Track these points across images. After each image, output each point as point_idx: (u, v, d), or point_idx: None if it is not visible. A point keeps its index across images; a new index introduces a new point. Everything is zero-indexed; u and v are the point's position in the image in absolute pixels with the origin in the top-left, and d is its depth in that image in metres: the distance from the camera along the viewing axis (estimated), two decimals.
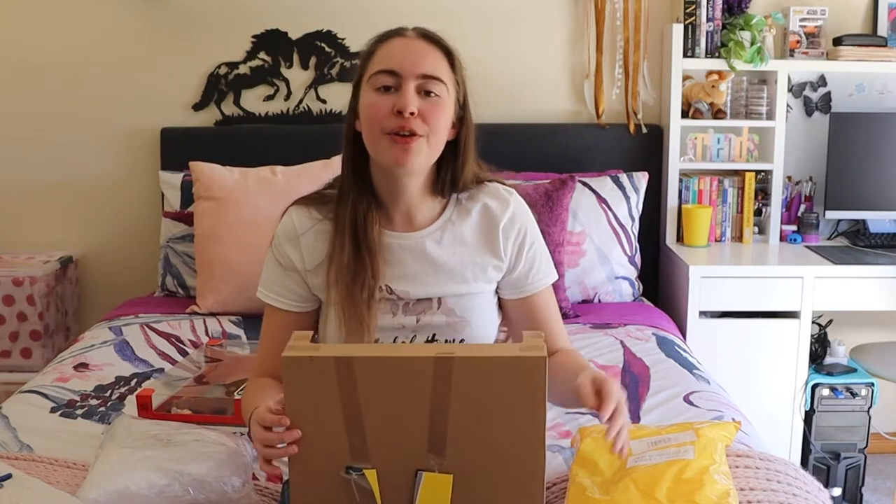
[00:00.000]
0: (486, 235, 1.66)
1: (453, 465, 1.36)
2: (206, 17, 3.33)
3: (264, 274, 1.70)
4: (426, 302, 1.63)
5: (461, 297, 1.64)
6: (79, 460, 1.86)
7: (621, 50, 3.34)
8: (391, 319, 1.62)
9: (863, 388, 3.09)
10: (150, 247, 3.33)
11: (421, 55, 1.56)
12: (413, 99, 1.53)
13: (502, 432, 1.34)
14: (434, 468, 1.36)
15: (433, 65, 1.56)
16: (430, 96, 1.55)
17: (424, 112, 1.54)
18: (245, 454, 1.74)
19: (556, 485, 1.76)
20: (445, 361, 1.29)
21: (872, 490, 3.22)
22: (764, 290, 3.00)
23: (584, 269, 3.04)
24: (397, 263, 1.63)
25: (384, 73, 1.55)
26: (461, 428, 1.33)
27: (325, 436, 1.34)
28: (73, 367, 2.46)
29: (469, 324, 1.63)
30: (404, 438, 1.34)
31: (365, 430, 1.33)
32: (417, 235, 1.64)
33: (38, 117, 3.37)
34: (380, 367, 1.31)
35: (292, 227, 1.65)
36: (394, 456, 1.35)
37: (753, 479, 1.70)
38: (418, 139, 1.54)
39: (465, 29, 3.32)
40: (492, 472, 1.37)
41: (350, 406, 1.31)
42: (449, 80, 1.58)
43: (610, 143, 3.34)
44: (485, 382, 1.31)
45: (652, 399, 2.25)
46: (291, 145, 3.24)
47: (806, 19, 3.28)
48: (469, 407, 1.32)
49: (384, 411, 1.33)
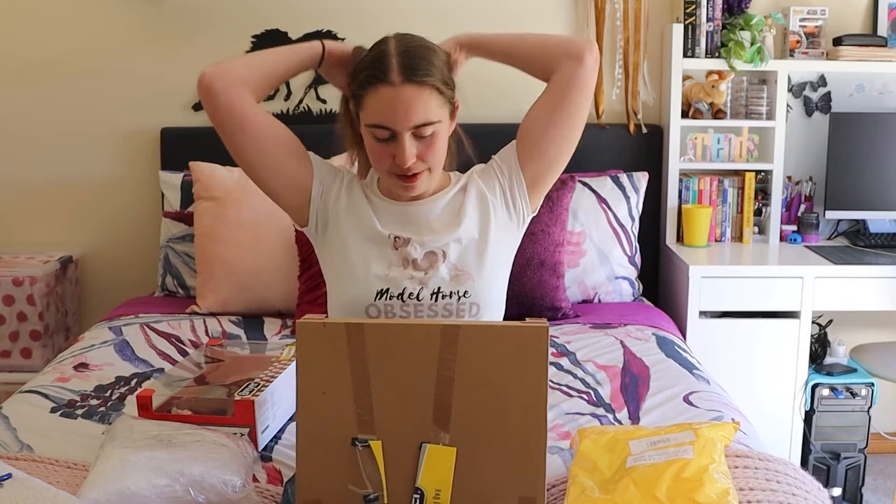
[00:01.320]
0: (485, 195, 1.76)
1: (457, 437, 1.40)
2: (206, 17, 3.33)
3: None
4: (433, 256, 1.70)
5: (466, 252, 1.70)
6: (79, 460, 1.87)
7: (621, 50, 3.34)
8: (402, 271, 1.68)
9: (863, 388, 3.09)
10: (150, 247, 3.34)
11: (410, 107, 1.58)
12: (410, 151, 1.61)
13: (506, 404, 1.39)
14: (438, 441, 1.40)
15: (423, 112, 1.59)
16: (427, 137, 1.62)
17: (423, 153, 1.62)
18: (245, 455, 1.74)
19: (555, 486, 1.76)
20: (452, 329, 1.37)
21: (872, 490, 3.22)
22: (764, 290, 3.00)
23: (584, 269, 3.04)
24: (407, 223, 1.72)
25: (378, 127, 1.60)
26: (466, 399, 1.38)
27: (334, 404, 1.39)
28: (73, 367, 2.46)
29: (472, 277, 1.69)
30: (410, 410, 1.39)
31: (372, 400, 1.39)
32: (425, 201, 1.73)
33: (38, 117, 3.38)
34: (388, 334, 1.38)
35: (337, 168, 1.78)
36: (399, 428, 1.40)
37: (753, 479, 1.70)
38: (421, 174, 1.65)
39: (464, 29, 3.30)
40: (495, 444, 1.40)
41: (359, 374, 1.37)
42: (440, 108, 1.62)
43: (610, 143, 3.34)
44: (489, 351, 1.38)
45: (652, 399, 2.25)
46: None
47: (806, 19, 3.28)
48: (474, 377, 1.38)
49: (392, 380, 1.38)
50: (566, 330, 2.75)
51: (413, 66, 1.59)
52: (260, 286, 2.90)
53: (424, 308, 1.67)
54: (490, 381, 1.38)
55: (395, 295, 1.66)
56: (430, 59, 1.63)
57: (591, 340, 2.66)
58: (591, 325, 2.83)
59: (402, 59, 1.60)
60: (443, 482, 1.43)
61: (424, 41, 1.67)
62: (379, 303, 1.66)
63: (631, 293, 3.12)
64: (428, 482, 1.42)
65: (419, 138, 1.61)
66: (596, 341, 2.66)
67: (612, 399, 2.26)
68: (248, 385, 2.00)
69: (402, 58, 1.60)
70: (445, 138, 1.66)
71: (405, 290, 1.67)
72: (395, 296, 1.66)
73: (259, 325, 2.84)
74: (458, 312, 1.68)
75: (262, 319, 2.89)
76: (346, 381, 1.37)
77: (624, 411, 2.20)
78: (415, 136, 1.61)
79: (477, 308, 1.68)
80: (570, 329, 2.77)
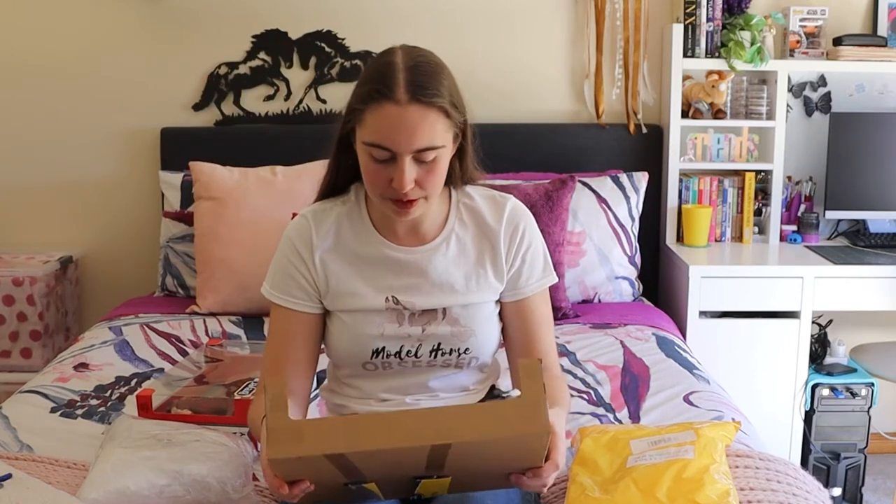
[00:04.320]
0: (486, 247, 1.66)
1: (451, 471, 1.38)
2: (206, 17, 3.33)
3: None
4: (431, 313, 1.63)
5: (466, 308, 1.64)
6: (79, 460, 1.86)
7: (621, 50, 3.34)
8: (397, 328, 1.62)
9: (863, 388, 3.09)
10: (150, 247, 3.34)
11: (415, 129, 1.46)
12: (409, 176, 1.48)
13: (502, 463, 1.38)
14: (433, 476, 1.39)
15: (428, 136, 1.47)
16: (428, 163, 1.50)
17: (422, 179, 1.50)
18: (245, 454, 1.74)
19: (556, 484, 1.76)
20: (441, 448, 1.30)
21: (872, 490, 3.22)
22: (764, 290, 3.00)
23: (584, 269, 3.04)
24: (404, 276, 1.63)
25: (377, 147, 1.48)
26: (460, 461, 1.35)
27: (326, 477, 1.35)
28: (73, 367, 2.46)
29: (474, 333, 1.64)
30: (403, 470, 1.37)
31: (364, 476, 1.36)
32: (423, 250, 1.64)
33: (37, 117, 3.37)
34: (373, 454, 1.30)
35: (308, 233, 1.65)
36: (392, 476, 1.38)
37: (753, 479, 1.70)
38: (418, 202, 1.53)
39: (465, 29, 3.32)
40: (491, 472, 1.40)
41: (347, 469, 1.33)
42: (446, 132, 1.51)
43: (610, 143, 3.34)
44: (483, 452, 1.33)
45: (652, 399, 2.25)
46: (291, 145, 3.24)
47: (806, 19, 3.28)
48: (468, 457, 1.34)
49: (383, 467, 1.34)
50: (566, 330, 2.75)
51: (422, 83, 1.46)
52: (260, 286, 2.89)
53: (423, 364, 1.64)
54: (486, 459, 1.36)
55: (393, 353, 1.62)
56: (440, 78, 1.50)
57: (591, 340, 2.66)
58: (591, 325, 2.83)
59: (411, 74, 1.47)
60: (440, 490, 1.46)
61: (433, 56, 1.55)
62: (376, 360, 1.63)
63: (631, 293, 3.12)
64: (426, 491, 1.45)
65: (420, 163, 1.49)
66: (596, 341, 2.66)
67: (612, 399, 2.26)
68: (248, 385, 2.00)
69: (410, 73, 1.47)
70: (447, 164, 1.55)
71: (402, 349, 1.62)
72: (391, 354, 1.62)
73: (259, 325, 2.83)
74: (458, 364, 1.65)
75: (262, 319, 2.88)
76: (334, 474, 1.34)
77: (624, 411, 2.20)
78: (415, 161, 1.48)
79: (476, 360, 1.66)
80: (570, 329, 2.77)
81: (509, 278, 1.67)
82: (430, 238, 1.65)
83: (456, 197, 1.68)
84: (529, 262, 1.67)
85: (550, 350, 1.71)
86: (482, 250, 1.66)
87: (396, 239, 1.64)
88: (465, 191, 1.68)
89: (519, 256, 1.66)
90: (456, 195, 1.68)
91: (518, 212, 1.68)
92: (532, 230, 1.68)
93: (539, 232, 1.70)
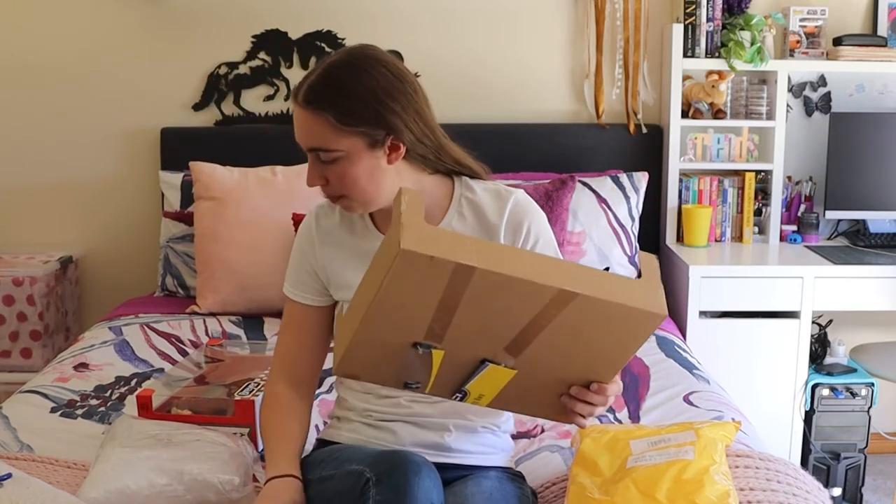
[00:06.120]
0: (484, 240, 1.65)
1: (521, 364, 1.34)
2: (206, 17, 3.33)
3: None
4: None
5: None
6: (79, 460, 1.87)
7: (621, 50, 3.34)
8: None
9: (863, 388, 3.09)
10: (150, 247, 3.34)
11: (304, 129, 1.54)
12: (312, 172, 1.56)
13: (587, 357, 1.33)
14: (502, 362, 1.34)
15: (316, 137, 1.53)
16: (332, 163, 1.54)
17: (332, 178, 1.56)
18: (245, 455, 1.74)
19: (555, 484, 1.76)
20: (566, 296, 1.24)
21: (872, 490, 3.22)
22: (764, 290, 3.00)
23: None
24: None
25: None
26: (548, 342, 1.30)
27: (407, 315, 1.28)
28: (73, 367, 2.46)
29: None
30: (487, 338, 1.31)
31: (450, 323, 1.28)
32: None
33: (38, 117, 3.37)
34: (498, 283, 1.22)
35: (310, 228, 1.71)
36: (467, 345, 1.32)
37: (753, 479, 1.70)
38: (343, 199, 1.58)
39: (465, 29, 3.32)
40: (554, 383, 1.36)
41: (447, 304, 1.26)
42: (339, 139, 1.52)
43: (610, 143, 3.34)
44: (595, 319, 1.28)
45: (652, 399, 2.25)
46: (291, 145, 3.19)
47: (806, 19, 3.28)
48: (567, 330, 1.29)
49: (479, 316, 1.27)
50: None
51: (318, 90, 1.52)
52: (260, 286, 2.90)
53: None
54: (582, 338, 1.30)
55: None
56: (345, 91, 1.51)
57: None
58: None
59: (318, 77, 1.53)
60: (488, 392, 1.40)
61: (366, 62, 1.54)
62: None
63: None
64: (475, 389, 1.39)
65: (324, 163, 1.55)
66: None
67: None
68: (248, 385, 2.00)
69: (318, 76, 1.53)
70: (359, 170, 1.54)
71: None
72: None
73: (259, 325, 2.83)
74: None
75: (262, 319, 2.88)
76: (430, 305, 1.25)
77: (624, 411, 2.20)
78: (319, 160, 1.55)
79: None
80: None
81: None
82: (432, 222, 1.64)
83: (459, 191, 1.67)
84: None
85: None
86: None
87: None
88: (469, 184, 1.67)
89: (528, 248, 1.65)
90: (459, 189, 1.67)
91: (522, 207, 1.65)
92: (539, 224, 1.66)
93: (547, 225, 1.68)
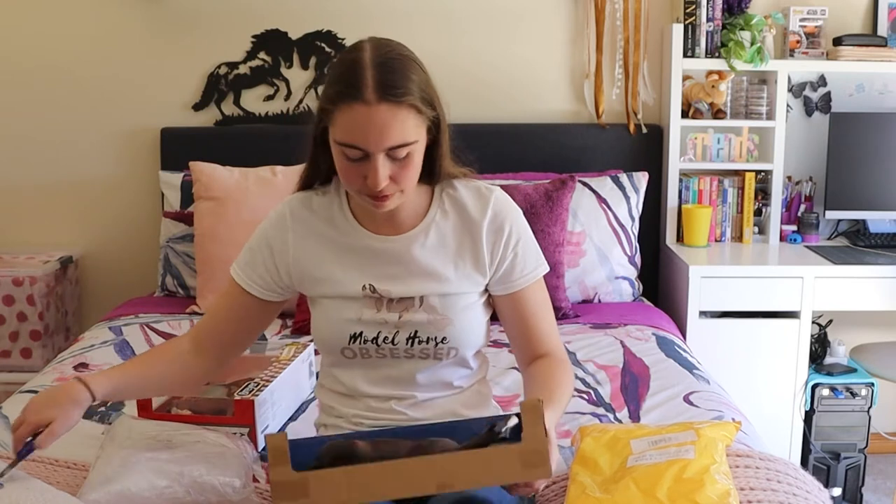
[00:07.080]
0: (467, 239, 1.65)
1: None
2: (206, 17, 3.33)
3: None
4: (408, 300, 1.63)
5: (444, 297, 1.63)
6: (79, 460, 1.86)
7: (621, 50, 3.34)
8: (374, 314, 1.63)
9: (863, 388, 3.09)
10: (150, 247, 3.34)
11: (385, 127, 1.45)
12: (383, 174, 1.48)
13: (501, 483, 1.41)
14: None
15: (400, 133, 1.47)
16: (401, 159, 1.50)
17: (396, 174, 1.51)
18: (246, 456, 1.74)
19: (555, 483, 1.76)
20: (447, 487, 1.34)
21: (872, 490, 3.22)
22: (764, 290, 3.00)
23: (583, 269, 3.04)
24: (380, 264, 1.64)
25: (350, 146, 1.48)
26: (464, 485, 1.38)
27: None
28: (73, 367, 2.46)
29: (451, 322, 1.63)
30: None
31: None
32: (403, 238, 1.64)
33: (37, 117, 3.38)
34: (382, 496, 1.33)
35: (284, 220, 1.69)
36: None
37: (753, 479, 1.70)
38: (390, 198, 1.53)
39: (465, 29, 3.32)
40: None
41: None
42: (419, 127, 1.51)
43: (610, 143, 3.34)
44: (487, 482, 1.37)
45: (652, 399, 2.25)
46: (291, 145, 3.18)
47: (806, 19, 3.28)
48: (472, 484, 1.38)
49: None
50: (566, 330, 2.74)
51: (390, 81, 1.45)
52: None
53: (400, 351, 1.64)
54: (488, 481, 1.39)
55: (370, 339, 1.62)
56: (409, 73, 1.48)
57: (591, 340, 2.66)
58: (591, 325, 2.83)
59: (379, 72, 1.46)
60: None
61: (402, 49, 1.53)
62: (354, 346, 1.64)
63: (631, 293, 3.12)
64: None
65: (393, 160, 1.49)
66: (596, 341, 2.66)
67: (612, 399, 2.27)
68: (248, 385, 2.00)
69: (378, 71, 1.46)
70: (421, 157, 1.54)
71: (379, 335, 1.62)
72: (369, 339, 1.62)
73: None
74: (436, 356, 1.64)
75: None
76: None
77: (624, 411, 2.20)
78: (389, 158, 1.48)
79: (455, 352, 1.65)
80: (570, 329, 2.77)
81: (502, 273, 1.66)
82: (410, 227, 1.65)
83: (440, 187, 1.67)
84: (521, 254, 1.67)
85: (552, 332, 1.70)
86: (462, 241, 1.65)
87: (375, 228, 1.65)
88: (450, 181, 1.68)
89: (510, 250, 1.66)
90: (440, 185, 1.67)
91: (502, 205, 1.66)
92: (519, 223, 1.67)
93: (525, 222, 1.69)
